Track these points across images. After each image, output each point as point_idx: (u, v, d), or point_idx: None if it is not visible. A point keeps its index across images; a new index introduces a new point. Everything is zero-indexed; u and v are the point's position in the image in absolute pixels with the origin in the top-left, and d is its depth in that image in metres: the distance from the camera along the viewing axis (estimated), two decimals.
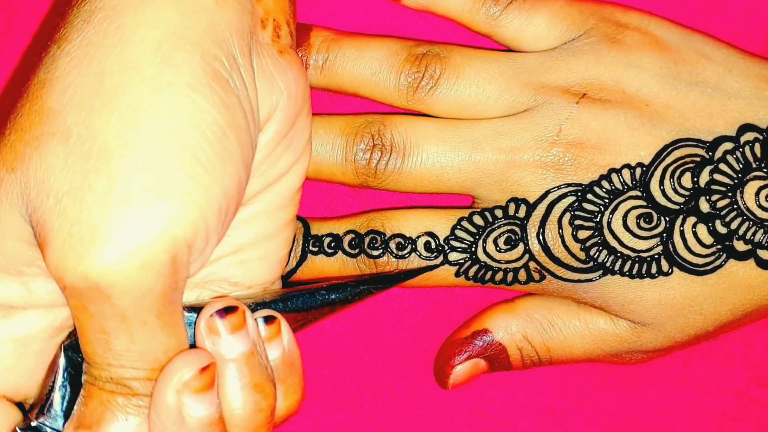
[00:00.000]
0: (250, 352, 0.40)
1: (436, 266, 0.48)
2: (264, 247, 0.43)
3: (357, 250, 0.48)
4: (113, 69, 0.38)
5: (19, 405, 0.42)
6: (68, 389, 0.41)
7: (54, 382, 0.41)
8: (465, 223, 0.48)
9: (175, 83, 0.37)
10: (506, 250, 0.48)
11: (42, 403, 0.41)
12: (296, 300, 0.43)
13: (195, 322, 0.40)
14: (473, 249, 0.48)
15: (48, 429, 0.40)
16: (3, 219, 0.39)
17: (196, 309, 0.41)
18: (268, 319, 0.42)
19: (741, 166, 0.47)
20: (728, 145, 0.47)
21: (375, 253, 0.48)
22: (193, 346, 0.40)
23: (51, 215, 0.37)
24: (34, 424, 0.41)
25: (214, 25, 0.39)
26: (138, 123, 0.37)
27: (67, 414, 0.41)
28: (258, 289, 0.44)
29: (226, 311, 0.40)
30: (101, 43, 0.38)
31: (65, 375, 0.41)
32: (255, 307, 0.42)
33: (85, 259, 0.36)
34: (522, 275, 0.48)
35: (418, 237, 0.48)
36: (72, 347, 0.41)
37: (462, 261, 0.48)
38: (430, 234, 0.48)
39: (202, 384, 0.39)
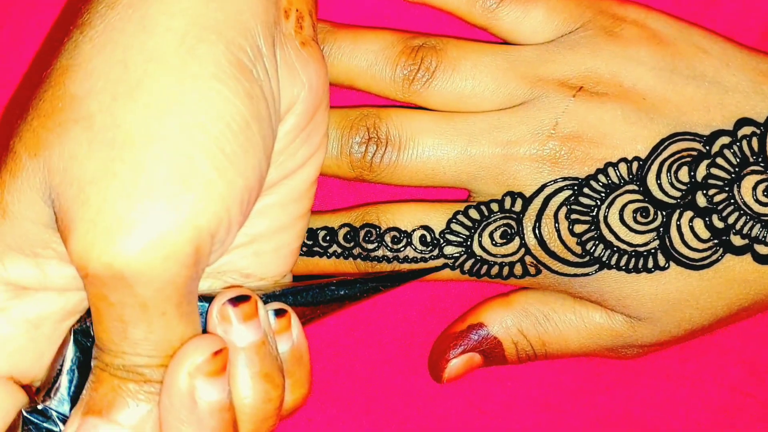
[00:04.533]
0: (261, 341, 0.40)
1: (441, 268, 0.48)
2: (277, 238, 0.43)
3: (352, 244, 0.48)
4: (137, 58, 0.37)
5: (26, 388, 0.42)
6: (76, 374, 0.41)
7: (62, 366, 0.41)
8: (460, 217, 0.48)
9: (200, 74, 0.37)
10: (502, 244, 0.47)
11: (49, 387, 0.41)
12: (306, 294, 0.43)
13: (207, 311, 0.41)
14: (469, 243, 0.48)
15: (54, 412, 0.40)
16: (23, 201, 0.39)
17: (208, 298, 0.41)
18: (279, 312, 0.42)
19: (738, 160, 0.47)
20: (725, 139, 0.47)
21: (370, 246, 0.48)
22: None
23: (74, 203, 0.37)
24: (40, 407, 0.41)
25: (239, 14, 0.39)
26: (163, 113, 0.37)
27: (74, 399, 0.41)
28: (269, 282, 0.44)
29: (239, 300, 0.40)
30: (125, 30, 0.38)
31: (74, 359, 0.41)
32: (266, 299, 0.42)
33: (111, 249, 0.36)
34: (518, 269, 0.48)
35: (414, 230, 0.48)
36: (82, 332, 0.41)
37: (457, 255, 0.48)
38: (426, 228, 0.48)
39: (215, 368, 0.38)
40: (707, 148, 0.47)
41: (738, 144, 0.47)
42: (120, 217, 0.36)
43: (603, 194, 0.47)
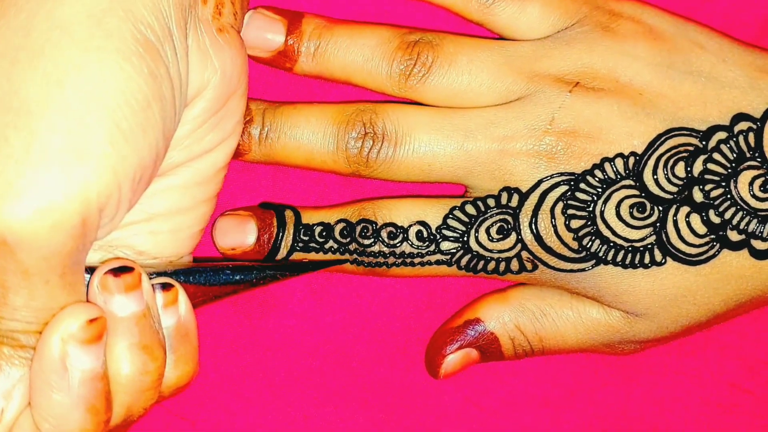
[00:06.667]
0: (141, 313, 0.40)
1: (346, 261, 0.48)
2: (176, 220, 0.43)
3: (348, 239, 0.48)
4: (42, 25, 0.37)
5: None
6: None
7: None
8: (457, 213, 0.48)
9: (104, 48, 0.37)
10: (498, 240, 0.47)
11: None
12: (199, 275, 0.43)
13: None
14: (465, 238, 0.48)
15: None
16: None
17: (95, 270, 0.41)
18: (165, 286, 0.42)
19: (735, 155, 0.47)
20: (722, 135, 0.47)
21: (366, 242, 0.48)
22: None
23: None
24: None
25: None
26: (62, 83, 0.37)
27: None
28: (164, 261, 0.44)
29: (121, 270, 0.40)
30: None
31: None
32: (156, 275, 0.42)
33: None
34: (514, 265, 0.48)
35: (410, 226, 0.48)
36: None
37: (454, 250, 0.48)
38: (422, 223, 0.48)
39: (90, 335, 0.38)
40: (704, 143, 0.47)
41: (734, 139, 0.47)
42: (8, 183, 0.36)
43: (599, 189, 0.47)
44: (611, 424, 0.54)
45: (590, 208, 0.47)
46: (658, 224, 0.47)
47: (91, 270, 0.40)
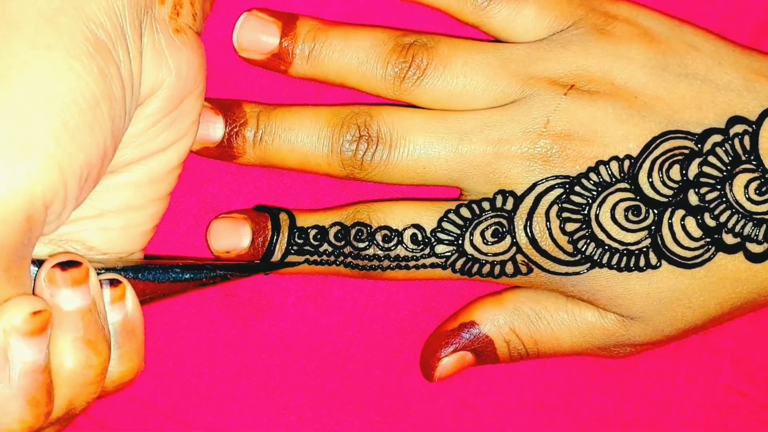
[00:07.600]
0: (87, 308, 0.40)
1: (301, 263, 0.48)
2: (126, 217, 0.44)
3: (343, 243, 0.48)
4: None
5: None
6: None
7: None
8: (452, 216, 0.48)
9: (54, 46, 0.37)
10: (493, 243, 0.47)
11: None
12: (147, 273, 0.43)
13: None
14: (460, 242, 0.47)
15: None
16: None
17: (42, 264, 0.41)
18: (113, 282, 0.42)
19: (730, 158, 0.46)
20: (717, 138, 0.47)
21: (361, 245, 0.48)
22: None
23: None
24: None
25: None
26: (9, 79, 0.37)
27: None
28: (114, 257, 0.44)
29: (69, 265, 0.40)
30: None
31: None
32: (105, 271, 0.42)
33: None
34: (509, 268, 0.48)
35: (405, 229, 0.48)
36: None
37: (449, 254, 0.48)
38: (417, 226, 0.48)
39: (32, 327, 0.38)
40: (699, 146, 0.47)
41: (730, 142, 0.47)
42: None
43: (594, 193, 0.47)
44: (607, 426, 0.54)
45: (585, 211, 0.47)
46: (653, 227, 0.47)
47: (38, 263, 0.40)
